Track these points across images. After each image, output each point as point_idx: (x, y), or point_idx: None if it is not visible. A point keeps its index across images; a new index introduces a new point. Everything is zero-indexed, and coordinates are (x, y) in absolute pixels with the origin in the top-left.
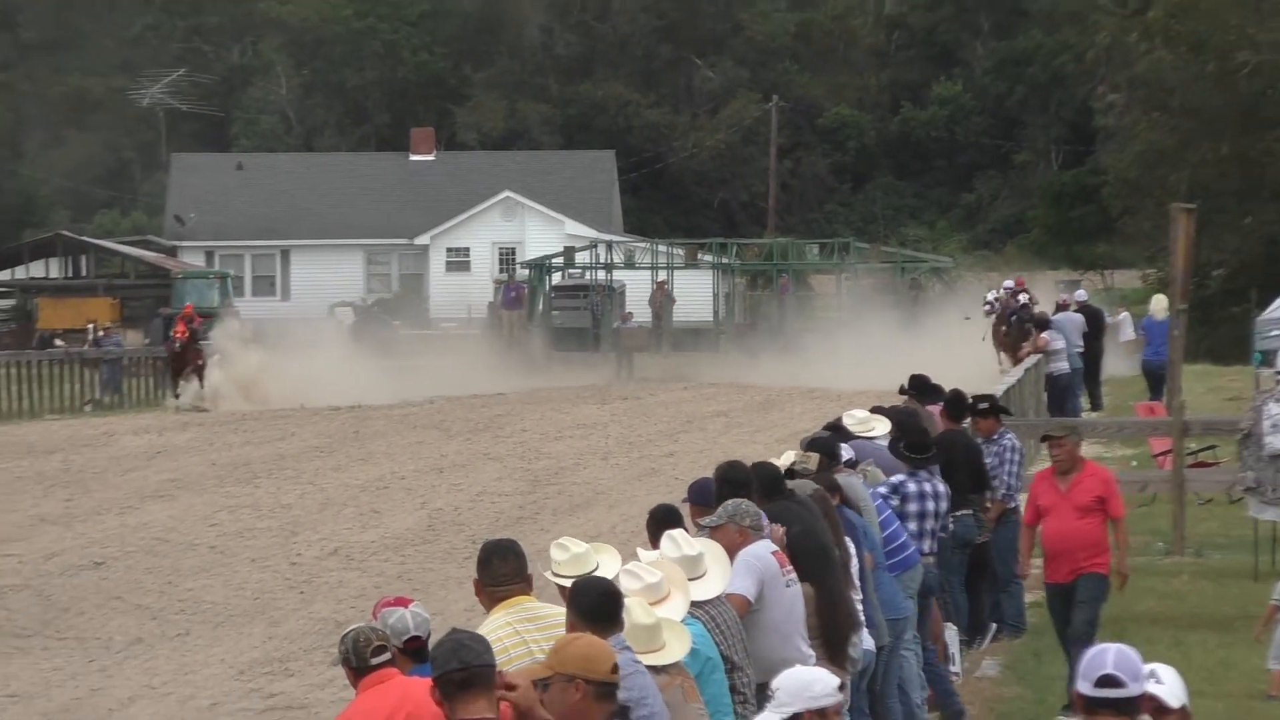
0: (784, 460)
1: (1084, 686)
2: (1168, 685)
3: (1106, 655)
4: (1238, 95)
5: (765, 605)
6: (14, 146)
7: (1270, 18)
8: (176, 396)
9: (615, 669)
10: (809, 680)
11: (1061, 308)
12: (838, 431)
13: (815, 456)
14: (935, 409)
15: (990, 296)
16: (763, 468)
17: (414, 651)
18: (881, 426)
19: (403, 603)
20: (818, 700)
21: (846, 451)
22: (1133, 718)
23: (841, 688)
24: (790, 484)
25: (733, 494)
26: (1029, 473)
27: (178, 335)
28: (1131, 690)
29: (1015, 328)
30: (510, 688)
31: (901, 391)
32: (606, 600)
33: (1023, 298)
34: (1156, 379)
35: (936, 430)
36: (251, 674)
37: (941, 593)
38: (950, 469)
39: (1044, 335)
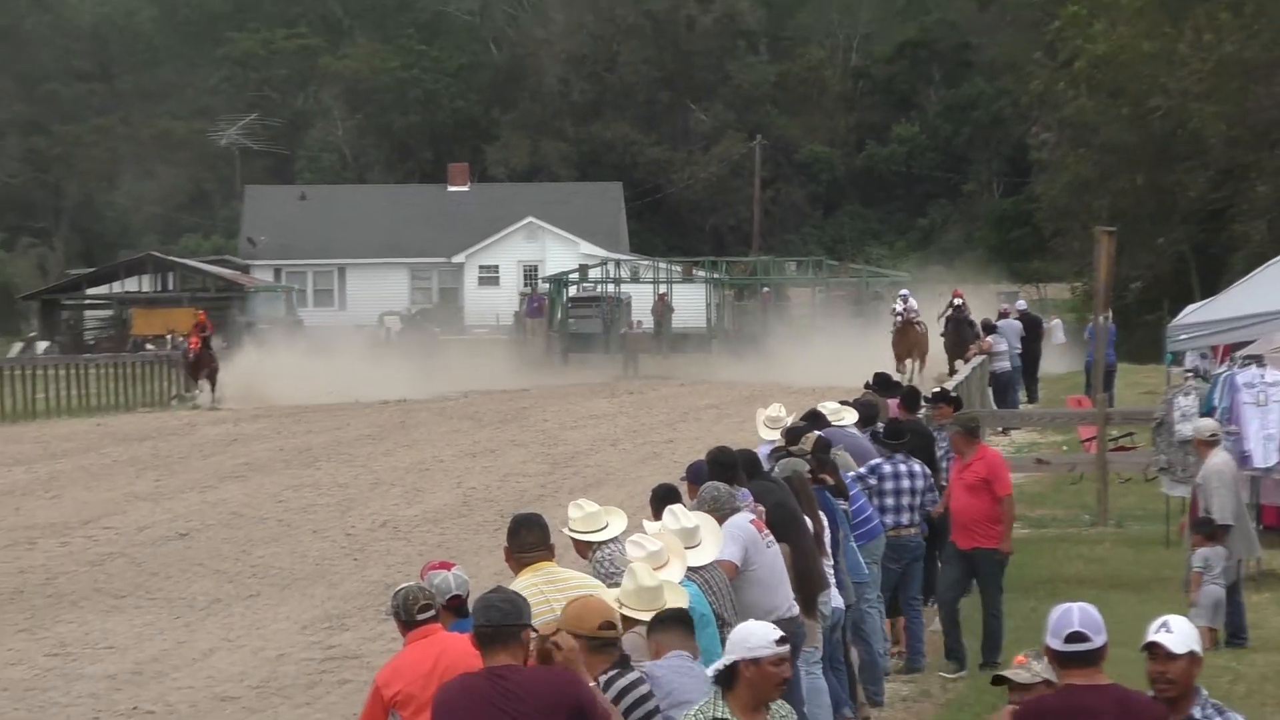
0: (771, 411)
1: (1054, 643)
2: (1176, 634)
3: (1073, 614)
4: (1150, 134)
5: (752, 565)
6: (111, 180)
7: (1178, 68)
8: (193, 397)
9: (605, 626)
10: (747, 632)
11: (1003, 315)
12: (815, 419)
13: (813, 437)
14: (893, 402)
15: (898, 308)
16: (745, 453)
17: (455, 608)
18: (850, 416)
19: (446, 566)
20: (753, 651)
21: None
22: (1097, 666)
23: (782, 641)
24: (783, 460)
25: (721, 474)
26: None
27: (192, 345)
28: (1095, 643)
29: (952, 332)
30: (558, 646)
31: (866, 387)
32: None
33: (958, 301)
34: (1107, 373)
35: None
36: (313, 629)
37: None
38: (910, 453)
39: (989, 339)
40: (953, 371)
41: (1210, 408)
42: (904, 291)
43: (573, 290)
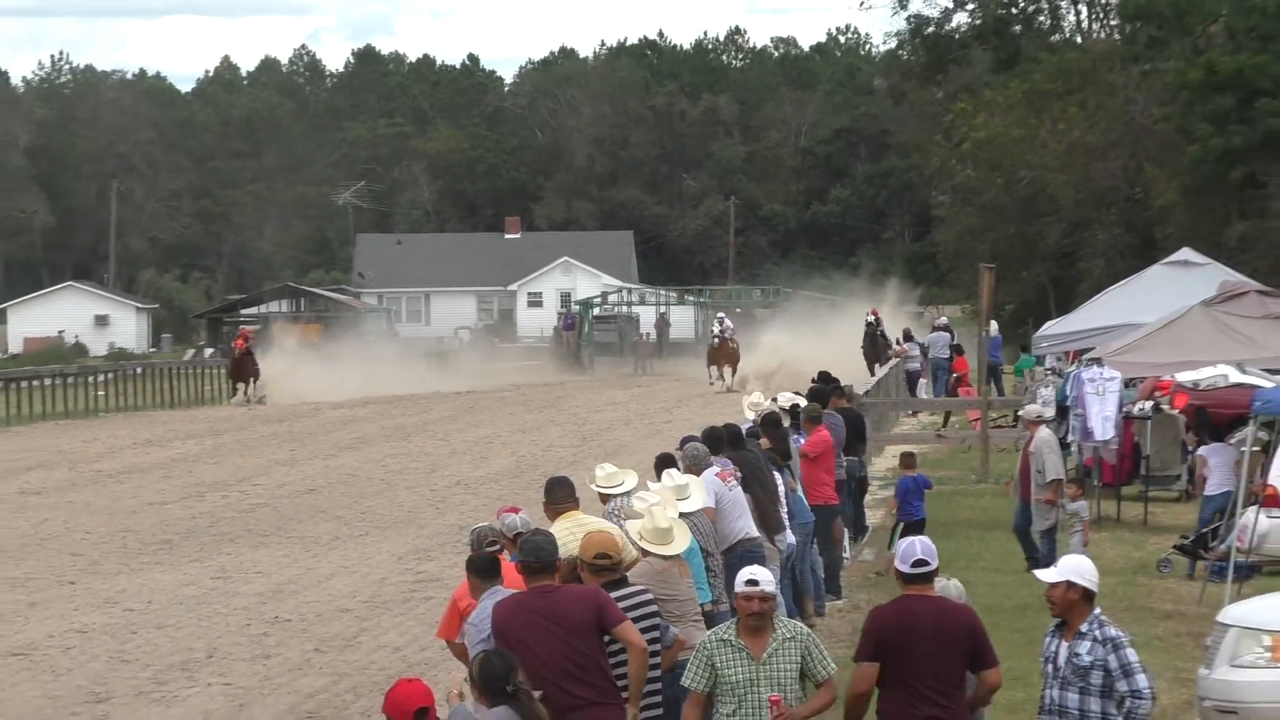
0: (752, 398)
1: (903, 567)
2: (1055, 568)
3: (915, 545)
4: (1018, 197)
5: (723, 504)
6: (259, 230)
7: (1039, 149)
8: (236, 396)
9: (600, 557)
10: (736, 579)
11: (937, 328)
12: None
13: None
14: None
15: (716, 329)
16: (731, 427)
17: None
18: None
19: (515, 510)
20: (736, 590)
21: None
22: (930, 584)
23: (750, 584)
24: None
25: (713, 445)
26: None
27: (238, 344)
28: (932, 566)
29: (869, 344)
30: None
31: (813, 382)
32: (488, 566)
33: (871, 318)
34: (991, 371)
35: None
36: (406, 559)
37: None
38: (846, 429)
39: (904, 344)
40: (871, 374)
41: (1063, 396)
42: (720, 315)
43: (596, 310)
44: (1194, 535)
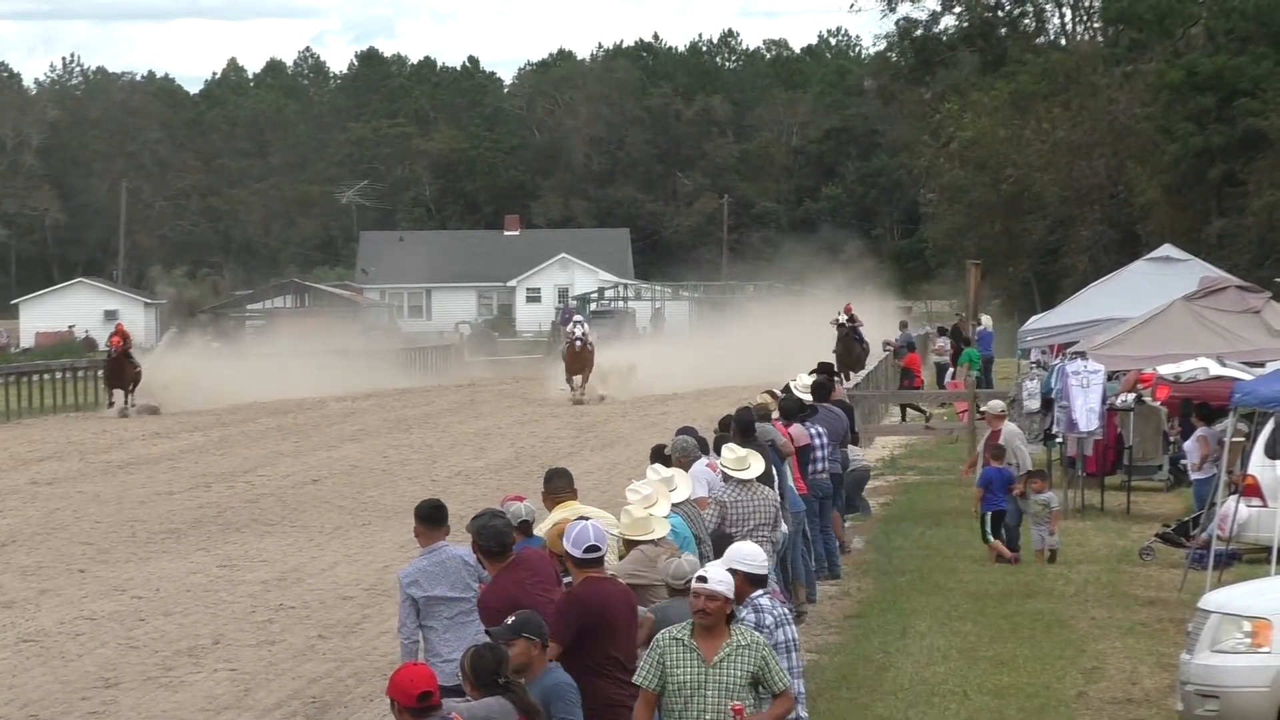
0: (800, 382)
1: (575, 551)
2: (711, 577)
3: (589, 530)
4: (1004, 195)
5: (712, 491)
6: (265, 227)
7: (1025, 148)
8: (111, 404)
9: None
10: (680, 570)
11: (942, 331)
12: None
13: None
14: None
15: (578, 333)
16: (744, 414)
17: (525, 530)
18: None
19: (519, 499)
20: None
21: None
22: (602, 568)
23: (701, 580)
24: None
25: (723, 431)
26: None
27: (113, 345)
28: (603, 551)
29: (843, 348)
30: None
31: (812, 373)
32: (435, 511)
33: (843, 318)
34: (985, 363)
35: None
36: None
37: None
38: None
39: (939, 341)
40: (846, 379)
41: (1049, 389)
42: (579, 317)
43: (593, 305)
44: (1175, 524)
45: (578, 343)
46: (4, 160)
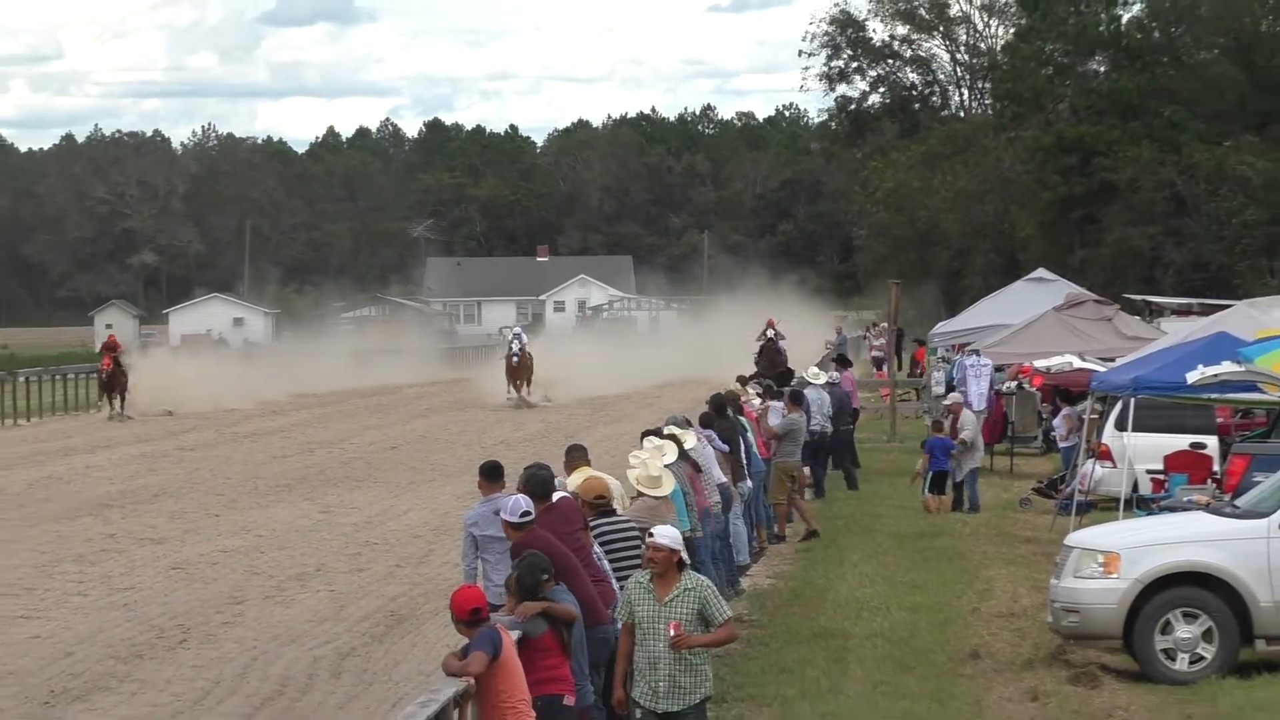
0: (812, 371)
1: (511, 518)
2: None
3: (520, 501)
4: (918, 231)
5: (698, 457)
6: (355, 254)
7: (933, 195)
8: (111, 409)
9: (597, 499)
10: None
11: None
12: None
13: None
14: (849, 372)
15: (515, 347)
16: (718, 400)
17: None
18: (823, 377)
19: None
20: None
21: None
22: (534, 531)
23: (653, 537)
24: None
25: (717, 408)
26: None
27: (104, 365)
28: (533, 516)
29: (766, 357)
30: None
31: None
32: (495, 469)
33: (770, 332)
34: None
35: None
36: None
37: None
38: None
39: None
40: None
41: (951, 378)
42: (517, 330)
43: (605, 314)
44: (1047, 481)
45: (514, 357)
46: (157, 205)
